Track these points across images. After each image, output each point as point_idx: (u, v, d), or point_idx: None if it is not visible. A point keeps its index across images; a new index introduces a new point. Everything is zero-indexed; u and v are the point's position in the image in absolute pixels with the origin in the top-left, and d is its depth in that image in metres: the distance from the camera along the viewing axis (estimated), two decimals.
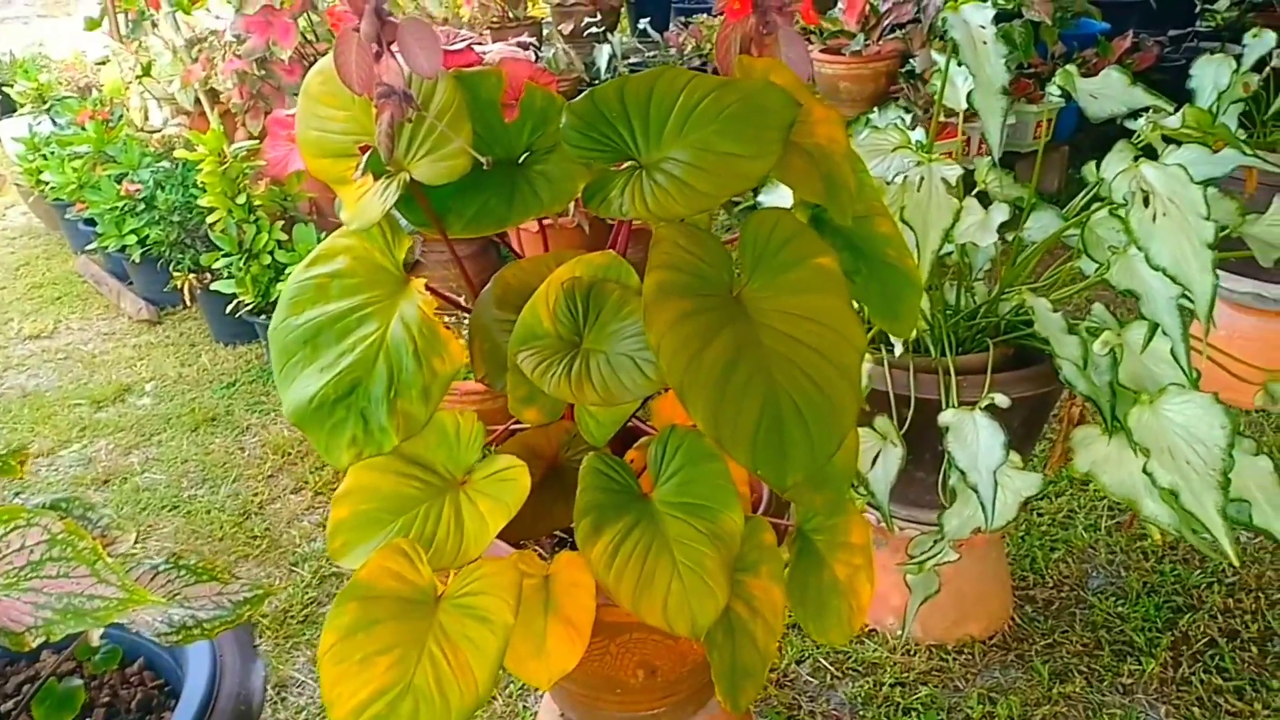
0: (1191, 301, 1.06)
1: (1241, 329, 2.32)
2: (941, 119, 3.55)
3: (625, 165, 0.89)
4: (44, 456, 2.45)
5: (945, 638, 1.71)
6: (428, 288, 0.91)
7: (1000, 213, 1.27)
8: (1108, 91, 1.36)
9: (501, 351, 0.96)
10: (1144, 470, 1.11)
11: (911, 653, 1.69)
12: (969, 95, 1.20)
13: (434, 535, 0.85)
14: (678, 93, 0.89)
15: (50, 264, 3.69)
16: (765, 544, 0.91)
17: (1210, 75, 2.03)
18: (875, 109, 1.53)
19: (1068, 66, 1.38)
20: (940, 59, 1.36)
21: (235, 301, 2.63)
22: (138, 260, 2.99)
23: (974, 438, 1.23)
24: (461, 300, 1.07)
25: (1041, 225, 1.48)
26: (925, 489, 1.58)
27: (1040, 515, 2.02)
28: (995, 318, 1.46)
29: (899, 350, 1.48)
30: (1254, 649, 1.66)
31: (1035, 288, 1.50)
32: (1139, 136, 1.52)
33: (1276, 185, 2.01)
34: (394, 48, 0.88)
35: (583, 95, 0.91)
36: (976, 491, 1.20)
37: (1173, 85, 1.64)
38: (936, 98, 1.37)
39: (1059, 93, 1.38)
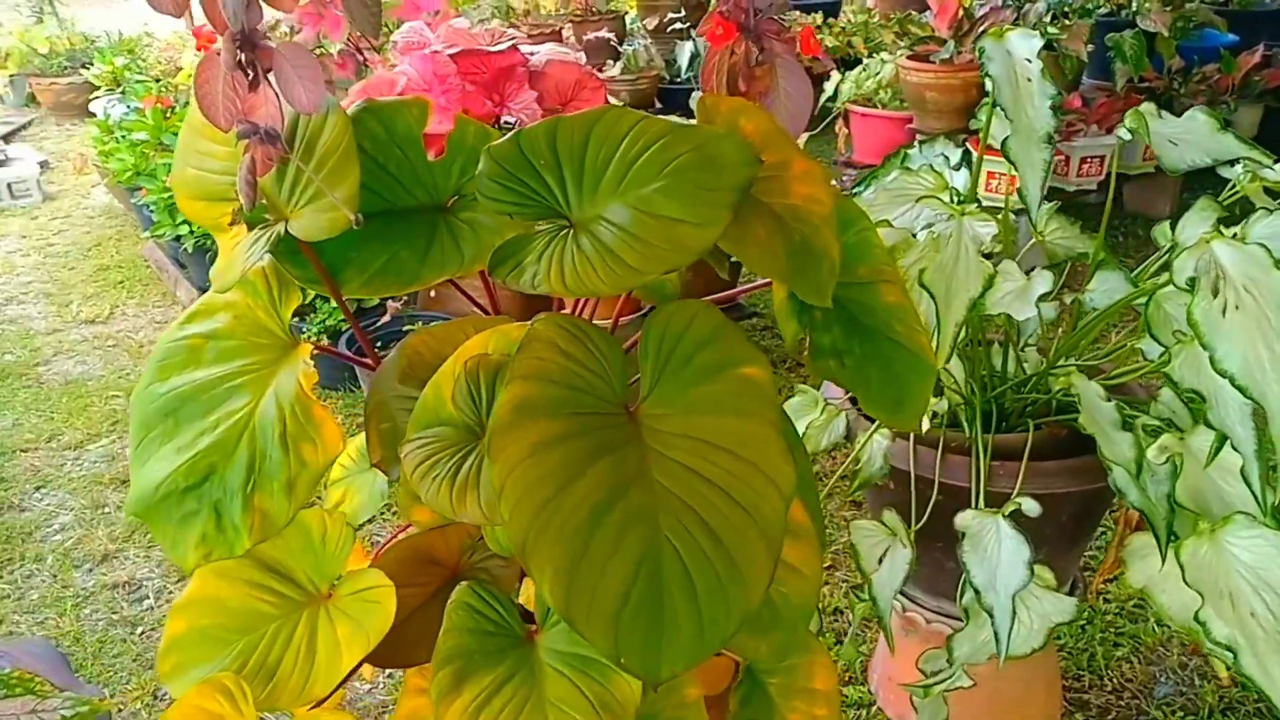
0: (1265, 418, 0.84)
1: None
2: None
3: (551, 224, 0.74)
4: (71, 449, 2.43)
5: None
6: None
7: (1043, 283, 1.07)
8: (1189, 137, 1.14)
9: (403, 434, 0.82)
10: (1196, 618, 0.90)
11: None
12: (1004, 142, 1.00)
13: (279, 664, 0.72)
14: (620, 139, 0.73)
15: (120, 246, 3.73)
16: (689, 702, 0.74)
17: None
18: (917, 145, 1.33)
19: (1144, 106, 1.16)
20: None
21: None
22: (190, 250, 2.97)
23: (994, 550, 1.04)
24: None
25: (1107, 289, 1.25)
26: (957, 579, 1.38)
27: (1108, 601, 1.78)
28: (1045, 394, 1.25)
29: (926, 424, 1.28)
30: None
31: (1092, 365, 1.28)
32: (1232, 189, 1.29)
33: None
34: (271, 76, 0.74)
35: (507, 137, 0.76)
36: (991, 616, 1.01)
37: None
38: (981, 136, 1.17)
39: (1128, 136, 1.16)
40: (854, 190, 1.24)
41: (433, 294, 2.78)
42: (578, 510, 0.56)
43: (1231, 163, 1.28)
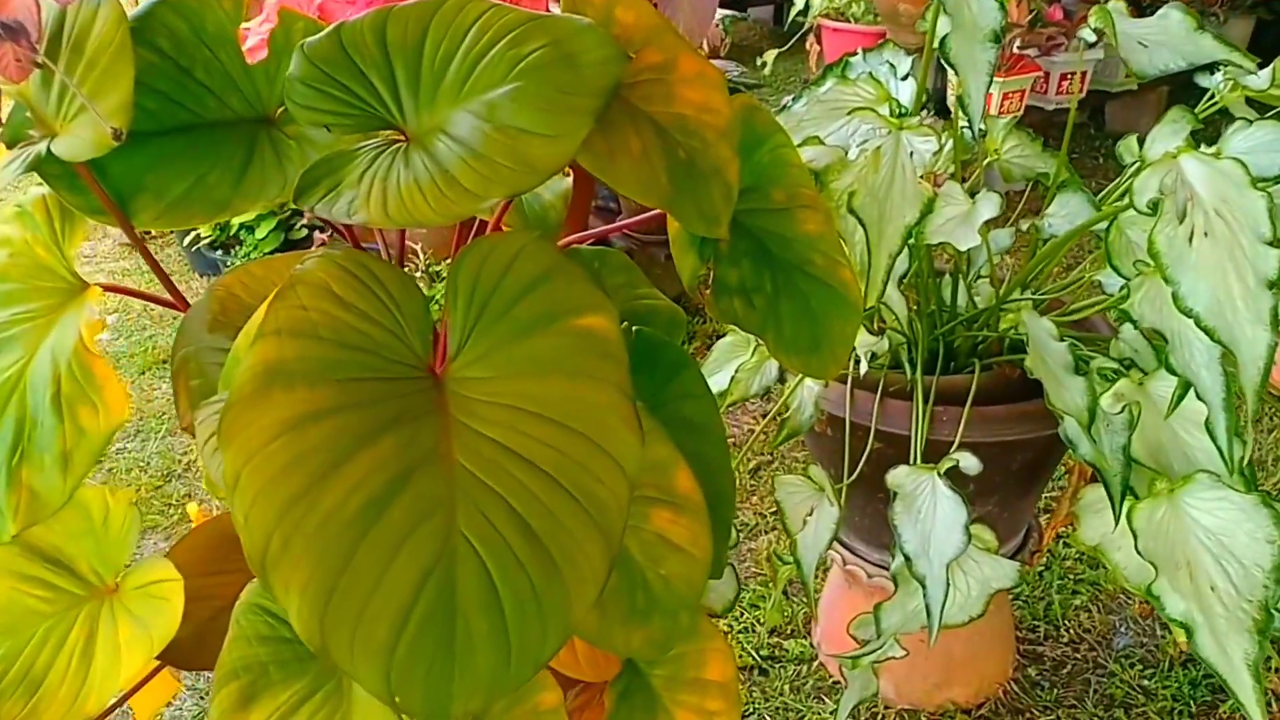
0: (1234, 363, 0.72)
1: None
2: (1017, 48, 3.08)
3: (383, 137, 0.61)
4: None
5: (923, 703, 1.41)
6: None
7: (988, 207, 0.93)
8: (1161, 38, 0.99)
9: (214, 391, 0.69)
10: (1149, 591, 0.79)
11: (878, 719, 1.39)
12: (944, 40, 0.86)
13: (46, 674, 0.60)
14: (464, 31, 0.59)
15: None
16: (544, 709, 0.63)
17: None
18: (860, 53, 1.18)
19: (1111, 3, 1.01)
20: None
21: (194, 234, 2.42)
22: None
23: (929, 512, 0.92)
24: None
25: (1067, 213, 1.12)
26: None
27: (1067, 546, 1.69)
28: (996, 332, 1.12)
29: (865, 367, 1.16)
30: None
31: (1050, 298, 1.15)
32: (1211, 99, 1.15)
33: None
34: None
35: (325, 31, 0.62)
36: (924, 586, 0.89)
37: None
38: (926, 38, 1.02)
39: (1093, 38, 1.01)
40: (785, 104, 1.09)
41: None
42: (342, 508, 0.43)
43: (1211, 70, 1.14)
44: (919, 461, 1.05)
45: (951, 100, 2.99)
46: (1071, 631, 1.51)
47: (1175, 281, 0.73)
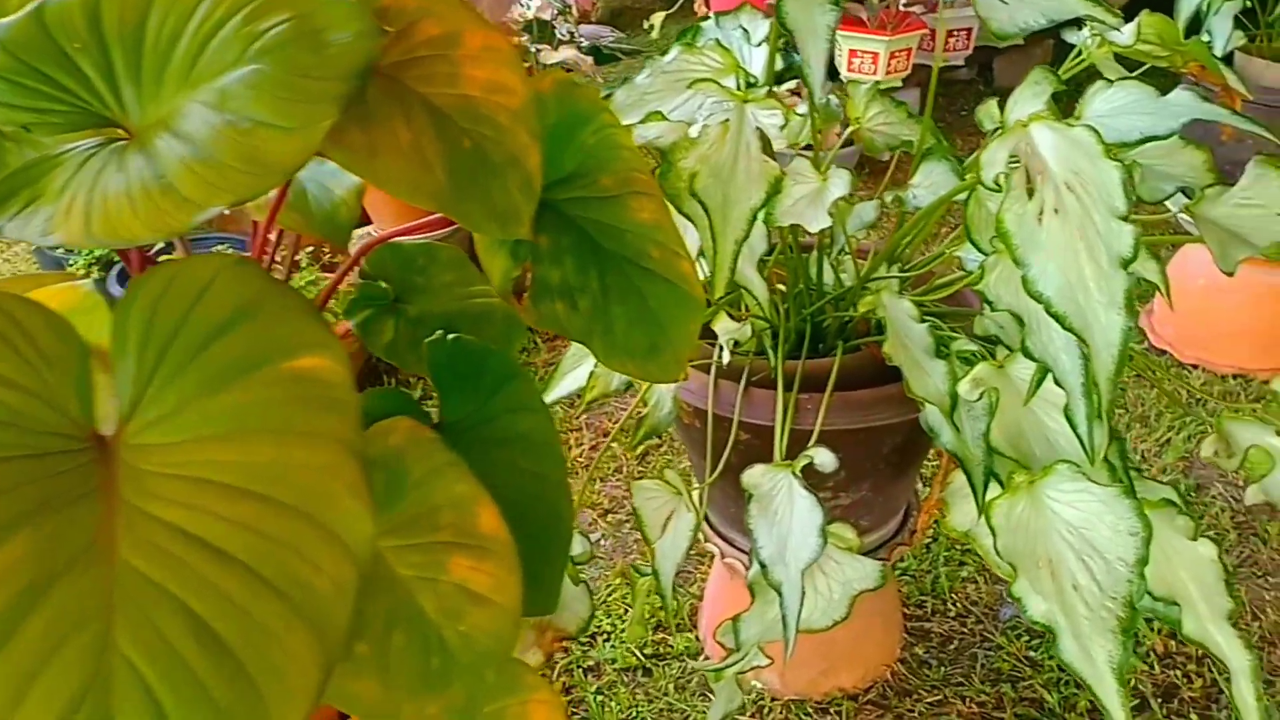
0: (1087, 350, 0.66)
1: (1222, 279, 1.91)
2: (903, 5, 3.03)
3: (101, 136, 0.50)
4: None
5: (809, 691, 1.37)
6: None
7: (839, 185, 0.86)
8: None
9: None
10: (1011, 595, 0.74)
11: (764, 711, 1.35)
12: (779, 3, 0.77)
13: None
14: (192, 6, 0.49)
15: None
16: None
17: None
18: (713, 17, 1.09)
19: None
20: None
21: None
22: None
23: (786, 514, 0.85)
24: None
25: (932, 184, 1.06)
26: None
27: None
28: (854, 314, 1.06)
29: (727, 355, 1.08)
30: (1194, 715, 1.32)
31: (914, 275, 1.09)
32: (1078, 57, 1.10)
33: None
34: None
35: (23, 12, 0.51)
36: (780, 594, 0.83)
37: None
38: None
39: None
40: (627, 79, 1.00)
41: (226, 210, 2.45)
42: None
43: (1078, 25, 1.09)
44: (783, 455, 0.98)
45: (840, 60, 2.94)
46: (959, 605, 1.48)
47: (1025, 263, 0.67)
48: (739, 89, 0.92)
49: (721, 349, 1.09)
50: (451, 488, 0.62)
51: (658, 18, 3.30)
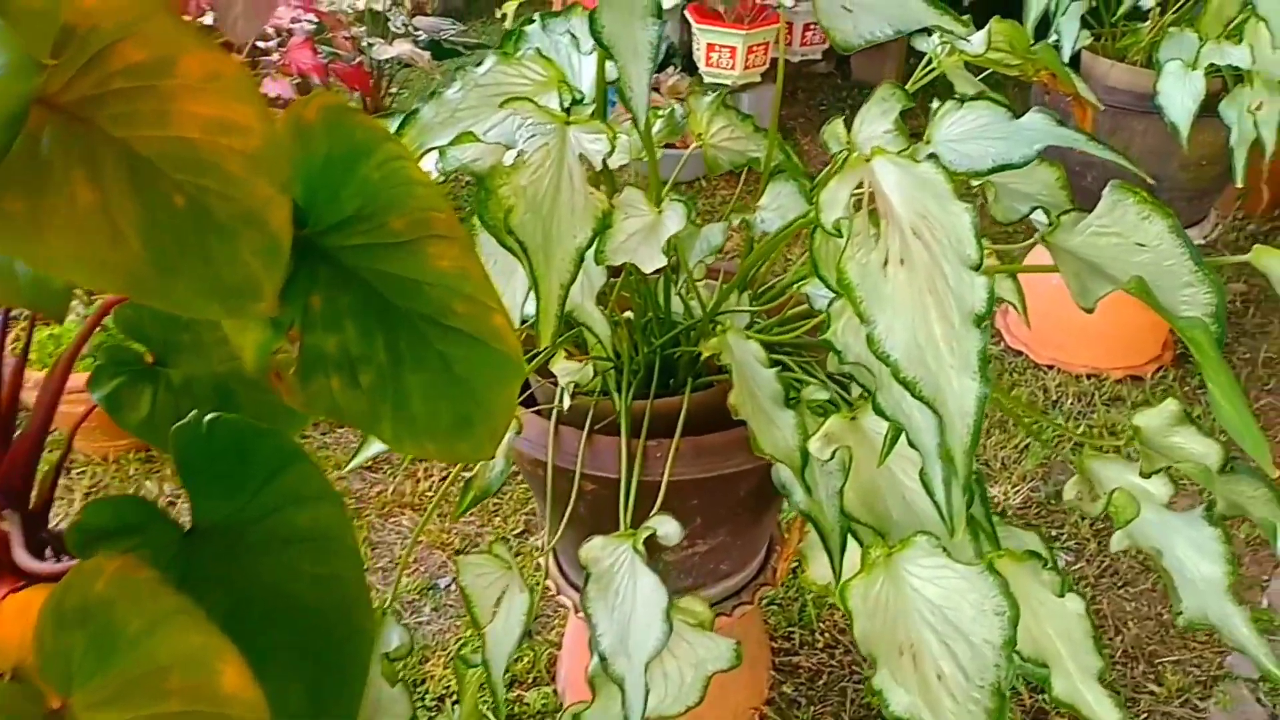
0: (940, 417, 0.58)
1: None
2: None
3: None
4: None
5: None
6: None
7: (675, 218, 0.76)
8: (869, 1, 0.85)
9: None
10: (873, 687, 0.66)
11: None
12: (593, 16, 0.67)
13: None
14: None
15: None
16: None
17: None
18: (538, 19, 0.97)
19: None
20: None
21: None
22: None
23: (628, 596, 0.76)
24: None
25: (780, 206, 0.98)
26: None
27: None
28: (702, 350, 0.97)
29: (568, 401, 0.98)
30: None
31: (767, 307, 1.01)
32: (928, 66, 1.03)
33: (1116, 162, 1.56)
34: None
35: None
36: (622, 690, 0.73)
37: None
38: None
39: (790, 2, 0.86)
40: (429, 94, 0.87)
41: None
42: None
43: (928, 32, 1.03)
44: (629, 516, 0.89)
45: (699, 55, 2.87)
46: (827, 635, 1.43)
47: (870, 320, 0.59)
48: (562, 108, 0.81)
49: (562, 393, 0.98)
50: (181, 641, 0.50)
51: (510, 5, 3.15)
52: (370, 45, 1.77)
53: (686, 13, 2.84)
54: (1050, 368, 2.02)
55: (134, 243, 0.43)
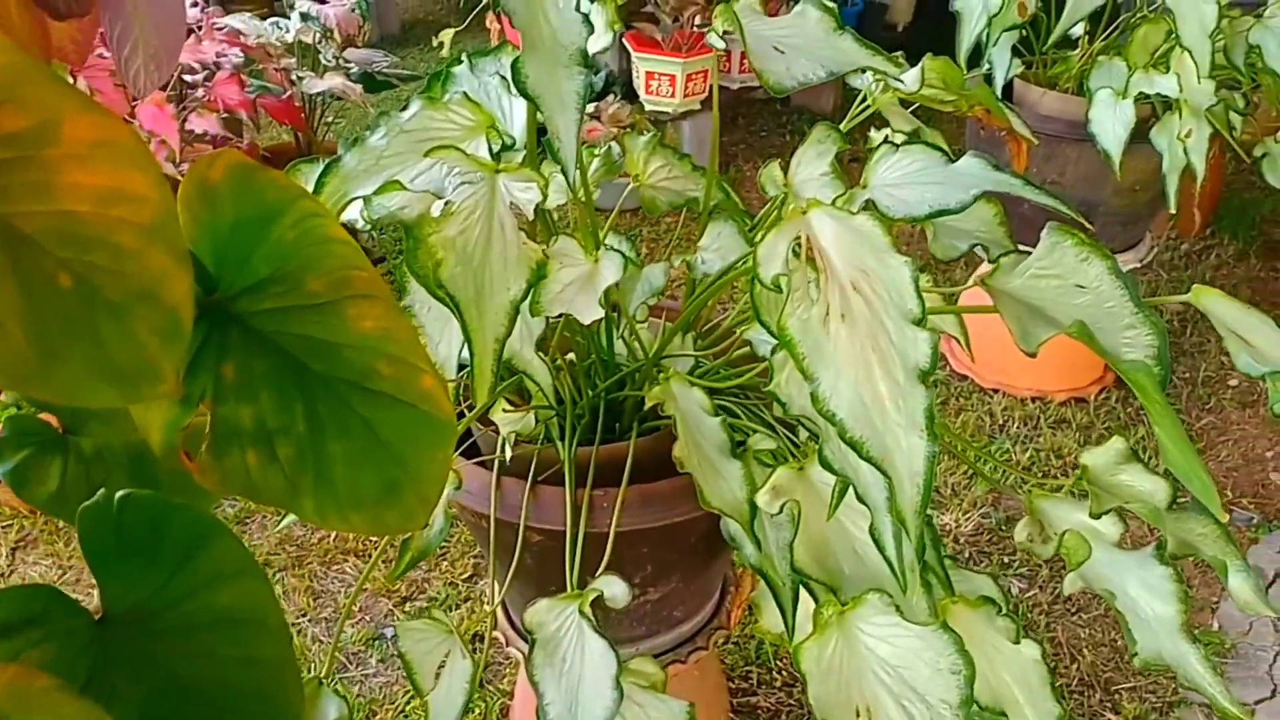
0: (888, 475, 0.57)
1: None
2: (697, 26, 3.00)
3: None
4: None
5: None
6: None
7: (612, 269, 0.74)
8: (799, 42, 0.84)
9: None
10: None
11: None
12: (516, 67, 0.64)
13: None
14: None
15: None
16: None
17: None
18: (465, 59, 0.95)
19: (739, 1, 0.85)
20: None
21: None
22: None
23: (576, 662, 0.72)
24: None
25: (720, 248, 0.96)
26: None
27: None
28: (646, 395, 0.95)
29: (509, 452, 0.95)
30: None
31: (710, 351, 0.99)
32: (863, 104, 1.03)
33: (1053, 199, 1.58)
34: None
35: None
36: None
37: None
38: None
39: (720, 45, 0.85)
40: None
41: None
42: None
43: (861, 70, 1.02)
44: (575, 574, 0.86)
45: (638, 83, 2.86)
46: (785, 674, 1.40)
47: (813, 377, 0.57)
48: (491, 154, 0.79)
49: (504, 443, 0.95)
50: None
51: (447, 35, 3.10)
52: (301, 79, 1.73)
53: (625, 40, 2.83)
54: (995, 391, 2.03)
55: (14, 331, 0.39)
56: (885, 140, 0.80)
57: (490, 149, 0.80)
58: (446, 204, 0.73)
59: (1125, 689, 1.37)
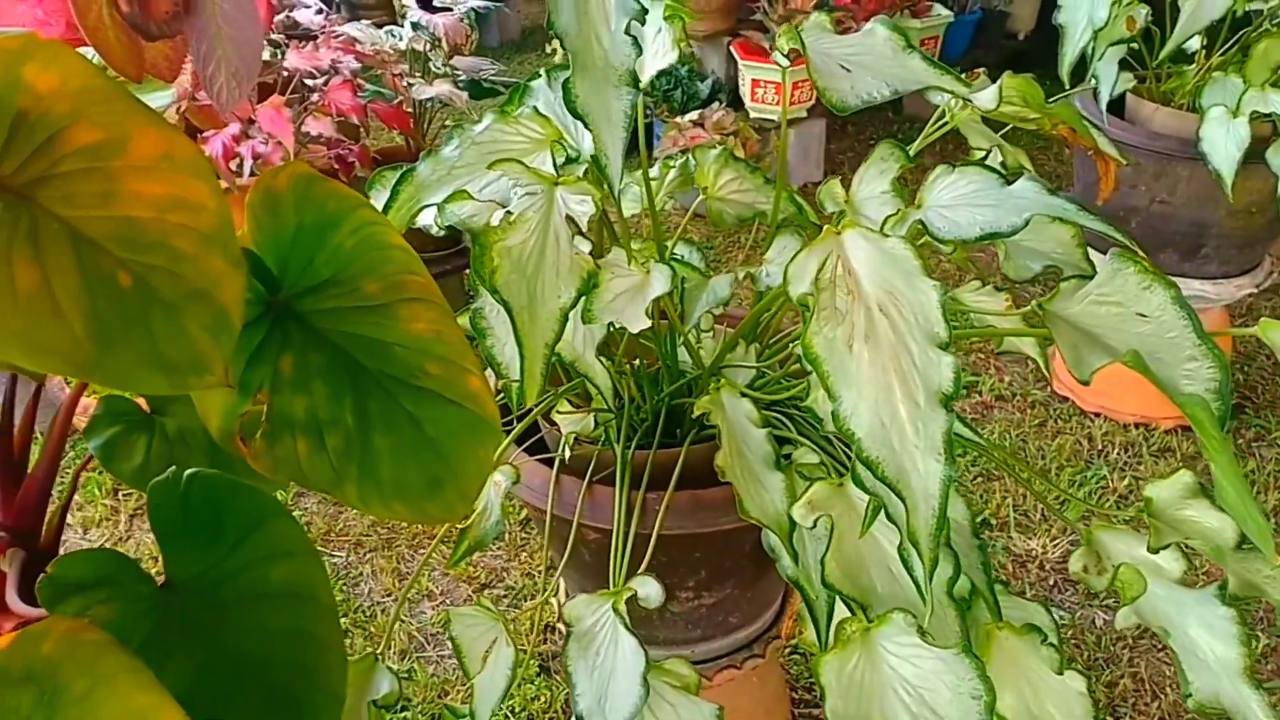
0: (904, 499, 0.57)
1: None
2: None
3: None
4: None
5: None
6: None
7: (661, 281, 0.76)
8: (867, 60, 0.84)
9: None
10: None
11: None
12: (566, 85, 0.67)
13: None
14: None
15: None
16: None
17: (1084, 8, 1.52)
18: (543, 74, 0.99)
19: (811, 19, 0.86)
20: None
21: None
22: None
23: (609, 657, 0.75)
24: None
25: (784, 260, 0.97)
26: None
27: None
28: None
29: (568, 452, 0.98)
30: None
31: (769, 363, 1.00)
32: (940, 121, 1.02)
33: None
34: None
35: None
36: None
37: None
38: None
39: (785, 59, 0.86)
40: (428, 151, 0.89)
41: None
42: None
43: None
44: (621, 571, 0.88)
45: (744, 90, 2.87)
46: None
47: (836, 396, 0.58)
48: (555, 167, 0.82)
49: (563, 443, 0.99)
50: (125, 701, 0.51)
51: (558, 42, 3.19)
52: (410, 85, 1.81)
53: (732, 48, 2.85)
54: (1098, 415, 1.96)
55: (75, 323, 0.44)
56: (948, 160, 0.80)
57: (554, 162, 0.83)
58: (506, 214, 0.77)
59: None
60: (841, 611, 0.79)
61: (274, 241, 0.58)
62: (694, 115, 2.71)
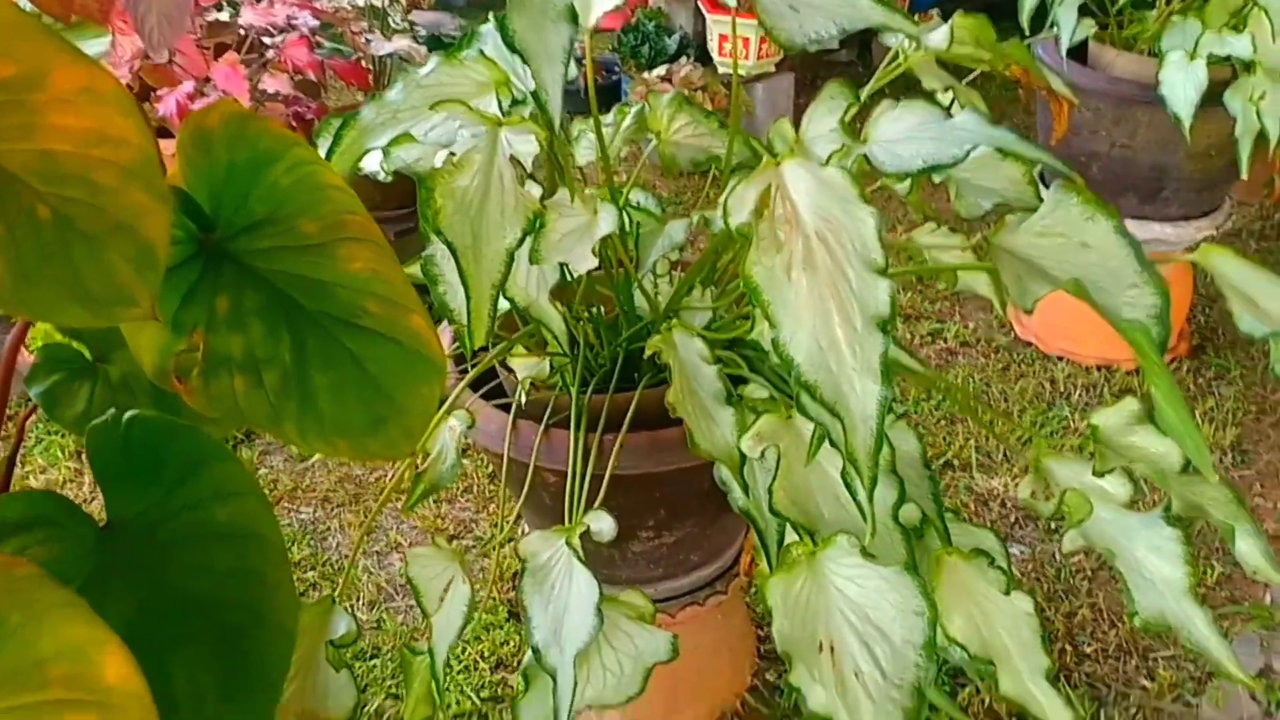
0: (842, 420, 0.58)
1: None
2: None
3: None
4: None
5: None
6: None
7: (607, 220, 0.76)
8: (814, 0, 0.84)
9: None
10: (787, 683, 0.66)
11: None
12: (502, 19, 0.67)
13: None
14: None
15: None
16: None
17: None
18: (492, 19, 0.97)
19: None
20: None
21: None
22: None
23: (563, 590, 0.76)
24: None
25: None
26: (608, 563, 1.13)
27: None
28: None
29: (523, 397, 0.99)
30: None
31: (723, 303, 1.01)
32: (893, 62, 1.02)
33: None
34: None
35: None
36: (554, 680, 0.74)
37: None
38: None
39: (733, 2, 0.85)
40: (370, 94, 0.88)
41: None
42: None
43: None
44: (579, 510, 0.90)
45: (712, 45, 2.85)
46: None
47: (777, 323, 0.59)
48: (501, 109, 0.82)
49: (519, 387, 1.00)
50: (62, 633, 0.51)
51: None
52: (368, 41, 1.79)
53: (700, 3, 2.82)
54: (1060, 359, 1.98)
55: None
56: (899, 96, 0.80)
57: (500, 104, 0.83)
58: (450, 155, 0.76)
59: (1163, 657, 1.35)
60: (792, 539, 0.81)
61: (206, 180, 0.57)
62: (661, 70, 2.69)
